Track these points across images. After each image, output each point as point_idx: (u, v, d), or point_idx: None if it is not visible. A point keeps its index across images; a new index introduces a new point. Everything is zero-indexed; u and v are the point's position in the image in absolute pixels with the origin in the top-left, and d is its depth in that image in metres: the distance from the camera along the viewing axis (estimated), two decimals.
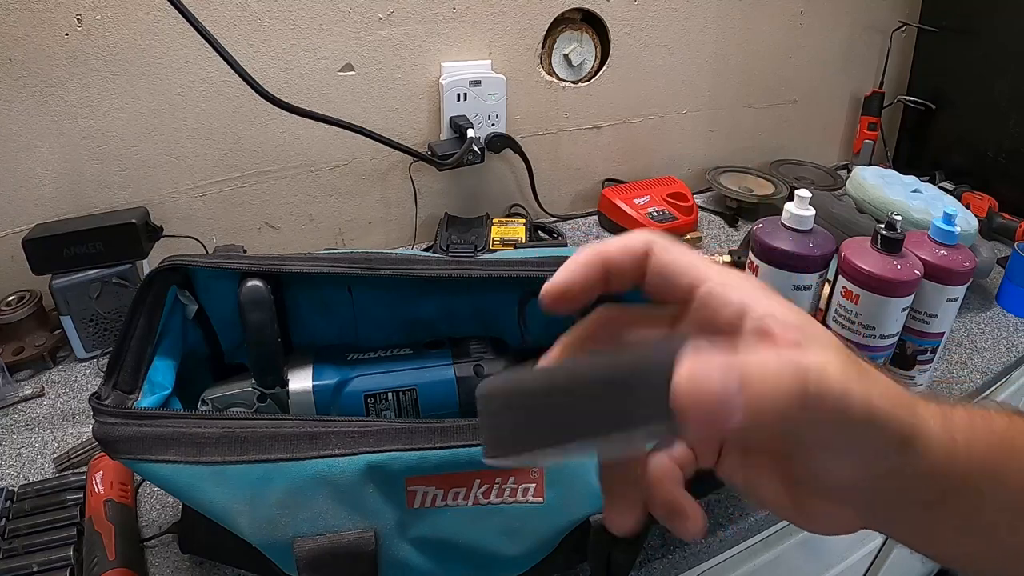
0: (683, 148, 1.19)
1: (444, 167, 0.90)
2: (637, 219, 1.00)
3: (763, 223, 0.66)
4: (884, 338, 0.61)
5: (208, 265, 0.45)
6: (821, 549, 0.81)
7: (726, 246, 1.02)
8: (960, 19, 1.20)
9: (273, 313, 0.45)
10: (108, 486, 0.52)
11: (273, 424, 0.40)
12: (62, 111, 0.72)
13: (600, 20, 0.99)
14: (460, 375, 0.48)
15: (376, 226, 0.97)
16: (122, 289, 0.71)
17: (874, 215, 0.98)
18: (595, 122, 1.07)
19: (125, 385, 0.43)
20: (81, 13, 0.69)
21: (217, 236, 0.85)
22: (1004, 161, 1.15)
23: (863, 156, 1.30)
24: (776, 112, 1.26)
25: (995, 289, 0.91)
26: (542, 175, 1.04)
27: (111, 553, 0.46)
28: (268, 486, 0.38)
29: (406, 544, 0.40)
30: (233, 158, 0.83)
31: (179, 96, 0.77)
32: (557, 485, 0.42)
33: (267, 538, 0.39)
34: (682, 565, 0.53)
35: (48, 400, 0.67)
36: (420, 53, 0.88)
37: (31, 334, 0.71)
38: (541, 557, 0.44)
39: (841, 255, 0.63)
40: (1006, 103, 1.13)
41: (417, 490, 0.40)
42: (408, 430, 0.40)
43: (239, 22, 0.76)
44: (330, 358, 0.48)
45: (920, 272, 0.60)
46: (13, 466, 0.58)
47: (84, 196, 0.76)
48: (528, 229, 0.95)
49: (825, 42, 1.24)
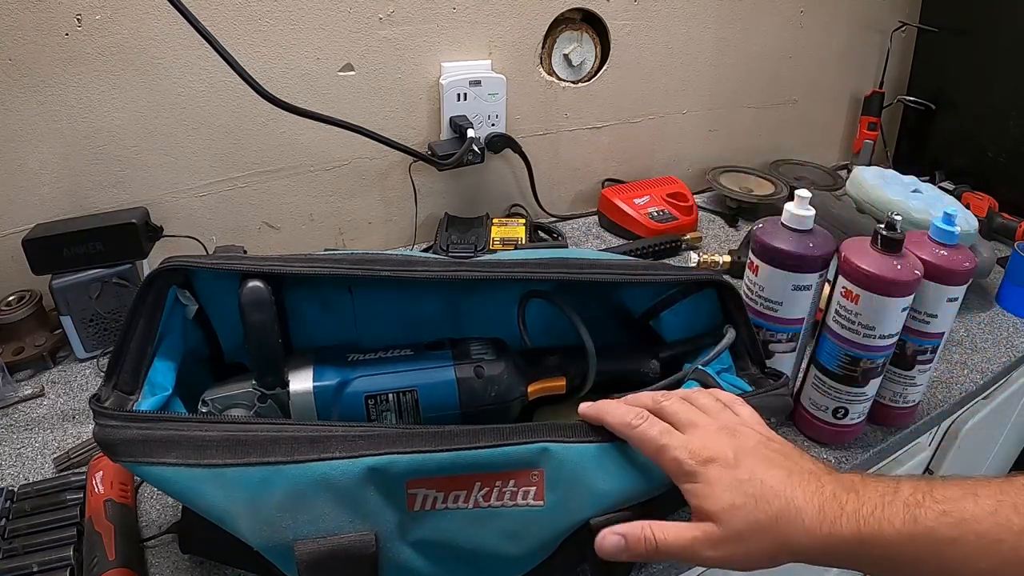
0: (683, 148, 1.19)
1: (444, 167, 0.90)
2: (637, 219, 1.00)
3: (763, 223, 0.66)
4: (884, 338, 0.61)
5: (208, 266, 0.45)
6: None
7: (726, 246, 1.02)
8: (960, 19, 1.20)
9: (274, 314, 0.45)
10: (108, 486, 0.52)
11: (274, 427, 0.40)
12: (62, 111, 0.72)
13: (600, 20, 0.99)
14: (460, 376, 0.48)
15: (376, 226, 0.97)
16: (122, 289, 0.71)
17: (874, 215, 0.98)
18: (595, 122, 1.07)
19: (125, 386, 0.43)
20: (81, 13, 0.69)
21: (217, 236, 0.85)
22: (1004, 161, 1.15)
23: (863, 156, 1.30)
24: (776, 112, 1.26)
25: (995, 289, 0.91)
26: (542, 175, 1.04)
27: (111, 553, 0.46)
28: (269, 489, 0.38)
29: (406, 547, 0.40)
30: (233, 158, 0.83)
31: (179, 96, 0.77)
32: (557, 488, 0.42)
33: (268, 541, 0.39)
34: (682, 565, 0.53)
35: (48, 400, 0.67)
36: (420, 53, 0.88)
37: (31, 334, 0.71)
38: (541, 560, 0.44)
39: (841, 255, 0.63)
40: (1006, 103, 1.13)
41: (418, 493, 0.40)
42: (409, 433, 0.40)
43: (239, 22, 0.76)
44: (330, 359, 0.48)
45: (920, 272, 0.60)
46: (13, 466, 0.58)
47: (84, 196, 0.76)
48: (528, 229, 0.95)
49: (825, 42, 1.24)
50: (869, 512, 0.35)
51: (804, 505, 0.37)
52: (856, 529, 0.35)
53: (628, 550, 0.39)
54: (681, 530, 0.39)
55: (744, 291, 0.68)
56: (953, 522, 0.33)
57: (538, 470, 0.41)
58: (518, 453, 0.41)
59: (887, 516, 0.35)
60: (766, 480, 0.38)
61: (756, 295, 0.65)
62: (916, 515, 0.34)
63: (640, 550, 0.39)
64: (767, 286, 0.64)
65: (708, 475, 0.39)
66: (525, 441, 0.41)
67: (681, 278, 0.55)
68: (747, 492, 0.37)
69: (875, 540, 0.35)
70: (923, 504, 0.35)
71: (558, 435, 0.42)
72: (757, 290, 0.65)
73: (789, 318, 0.64)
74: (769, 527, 0.37)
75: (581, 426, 0.43)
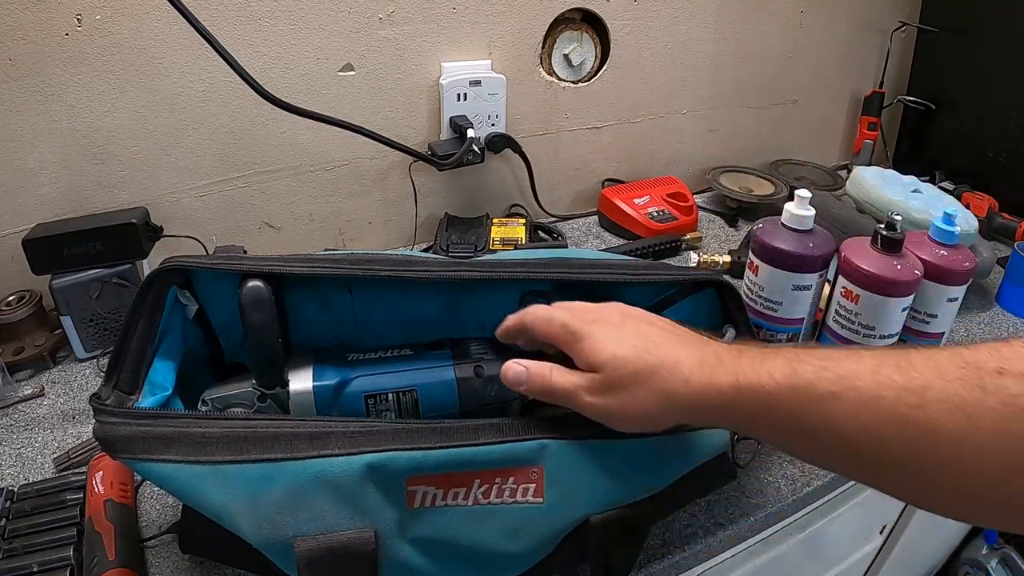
0: (683, 148, 1.19)
1: (444, 167, 0.90)
2: (637, 219, 1.00)
3: (763, 223, 0.66)
4: (884, 338, 0.61)
5: (208, 266, 0.45)
6: (821, 549, 0.81)
7: (726, 246, 1.02)
8: (960, 19, 1.20)
9: (274, 313, 0.45)
10: (108, 486, 0.52)
11: (273, 424, 0.40)
12: (62, 111, 0.72)
13: (600, 20, 1.00)
14: (460, 376, 0.48)
15: (376, 226, 0.97)
16: (122, 289, 0.71)
17: (874, 215, 0.98)
18: (595, 122, 1.07)
19: (125, 386, 0.43)
20: (81, 13, 0.69)
21: (217, 236, 0.85)
22: (1004, 161, 1.15)
23: (863, 156, 1.30)
24: (776, 112, 1.26)
25: (995, 289, 0.91)
26: (542, 175, 1.04)
27: (111, 553, 0.46)
28: (268, 486, 0.38)
29: (406, 544, 0.40)
30: (233, 158, 0.83)
31: (179, 96, 0.77)
32: (557, 485, 0.42)
33: (267, 538, 0.39)
34: (682, 565, 0.53)
35: (48, 400, 0.67)
36: (420, 53, 0.88)
37: (31, 334, 0.71)
38: (541, 557, 0.44)
39: (841, 255, 0.63)
40: (1006, 103, 1.13)
41: (417, 490, 0.40)
42: (408, 430, 0.40)
43: (239, 22, 0.76)
44: (330, 359, 0.48)
45: (920, 272, 0.60)
46: (13, 466, 0.58)
47: (84, 196, 0.76)
48: (528, 229, 0.95)
49: (825, 42, 1.24)
50: (748, 366, 0.36)
51: (685, 359, 0.38)
52: (734, 380, 0.36)
53: (527, 383, 0.42)
54: (571, 375, 0.41)
55: (744, 291, 0.68)
56: (833, 377, 0.33)
57: (537, 467, 0.41)
58: (518, 450, 0.41)
59: (766, 369, 0.35)
60: (650, 335, 0.39)
61: (756, 295, 0.65)
62: (795, 368, 0.34)
63: (536, 384, 0.42)
64: (767, 286, 0.64)
65: (593, 332, 0.40)
66: (524, 438, 0.41)
67: (681, 278, 0.55)
68: (630, 344, 0.39)
69: (752, 390, 0.35)
70: (803, 359, 0.35)
71: (557, 432, 0.42)
72: (757, 290, 0.65)
73: (789, 318, 0.64)
74: (648, 377, 0.38)
75: (581, 423, 0.43)
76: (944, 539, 1.19)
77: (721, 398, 0.36)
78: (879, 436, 0.31)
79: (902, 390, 0.31)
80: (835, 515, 0.75)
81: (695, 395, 0.37)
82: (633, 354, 0.38)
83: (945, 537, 1.19)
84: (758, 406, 0.35)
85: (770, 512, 0.57)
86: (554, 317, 0.43)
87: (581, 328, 0.41)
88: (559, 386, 0.41)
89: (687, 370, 0.37)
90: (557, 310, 0.43)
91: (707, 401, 0.37)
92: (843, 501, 0.75)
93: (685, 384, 0.37)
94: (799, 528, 0.72)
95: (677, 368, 0.37)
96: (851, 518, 0.79)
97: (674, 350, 0.38)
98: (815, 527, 0.74)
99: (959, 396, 0.30)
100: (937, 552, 1.22)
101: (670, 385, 0.37)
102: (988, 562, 1.17)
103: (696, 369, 0.37)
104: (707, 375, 0.37)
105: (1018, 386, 0.29)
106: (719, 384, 0.36)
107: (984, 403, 0.29)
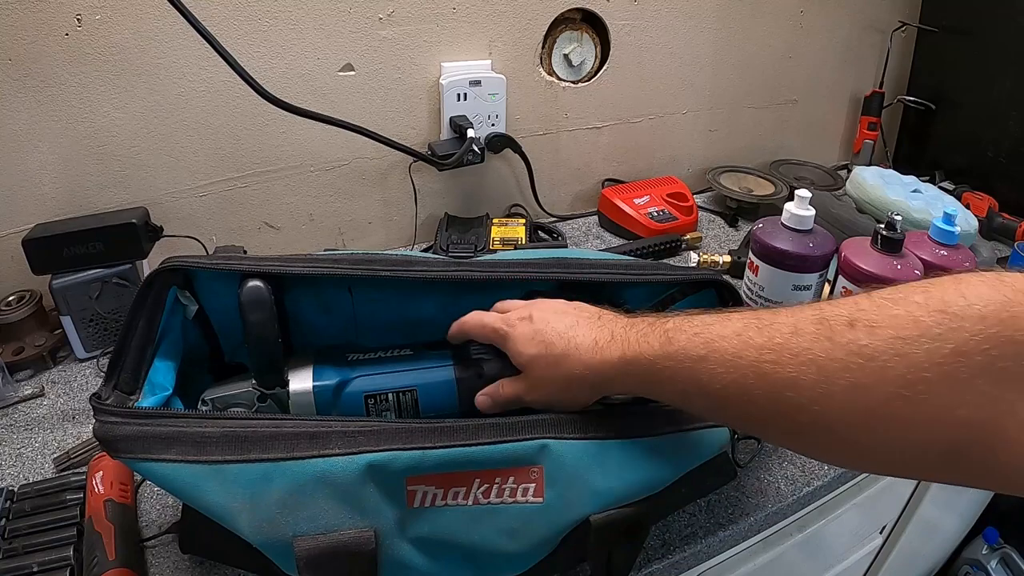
0: (683, 148, 1.19)
1: (444, 167, 0.90)
2: (637, 219, 1.00)
3: (763, 223, 0.66)
4: None
5: (208, 266, 0.45)
6: (821, 549, 0.81)
7: (726, 246, 1.02)
8: (960, 19, 1.20)
9: (274, 313, 0.45)
10: (108, 486, 0.52)
11: (273, 424, 0.40)
12: (62, 111, 0.72)
13: (600, 20, 1.00)
14: (460, 376, 0.48)
15: (376, 226, 0.97)
16: (122, 289, 0.71)
17: (874, 215, 0.98)
18: (595, 122, 1.07)
19: (126, 386, 0.43)
20: (81, 13, 0.69)
21: (217, 236, 0.85)
22: (1004, 161, 1.15)
23: (863, 156, 1.30)
24: (776, 112, 1.26)
25: None
26: (542, 175, 1.04)
27: (111, 553, 0.46)
28: (268, 485, 0.38)
29: (406, 544, 0.41)
30: (233, 158, 0.83)
31: (179, 96, 0.77)
32: (557, 485, 0.42)
33: (267, 538, 0.39)
34: (682, 565, 0.53)
35: (48, 400, 0.67)
36: (420, 53, 0.88)
37: (31, 334, 0.71)
38: (541, 557, 0.44)
39: (841, 255, 0.63)
40: (1006, 103, 1.13)
41: (417, 489, 0.40)
42: (408, 429, 0.40)
43: (239, 22, 0.76)
44: (330, 358, 0.48)
45: (920, 272, 0.60)
46: (13, 466, 0.59)
47: (84, 196, 0.76)
48: (528, 229, 0.95)
49: (825, 42, 1.24)
50: (634, 338, 0.40)
51: (582, 341, 0.42)
52: (621, 352, 0.40)
53: (492, 406, 0.46)
54: (513, 384, 0.46)
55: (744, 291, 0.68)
56: (702, 341, 0.36)
57: (537, 467, 0.41)
58: (518, 450, 0.41)
59: (648, 340, 0.39)
60: (556, 327, 0.44)
61: (756, 295, 0.65)
62: (671, 337, 0.38)
63: (499, 402, 0.46)
64: (767, 286, 0.64)
65: (514, 333, 0.45)
66: (524, 438, 0.41)
67: (681, 278, 0.55)
68: (540, 341, 0.44)
69: (636, 360, 0.39)
70: (680, 328, 0.38)
71: (557, 432, 0.42)
72: (757, 290, 0.65)
73: None
74: (556, 367, 0.43)
75: (580, 423, 0.43)
76: (944, 539, 1.19)
77: (613, 370, 0.41)
78: (745, 392, 0.34)
79: (762, 348, 0.33)
80: (835, 515, 0.75)
81: (594, 373, 0.41)
82: (543, 350, 0.43)
83: (945, 537, 1.19)
84: (644, 373, 0.39)
85: (770, 512, 0.57)
86: (486, 322, 0.47)
87: (506, 331, 0.46)
88: (511, 396, 0.45)
89: (584, 352, 0.42)
90: (489, 314, 0.48)
91: (603, 375, 0.41)
92: (843, 501, 0.75)
93: (582, 364, 0.42)
94: (799, 528, 0.72)
95: (576, 353, 0.42)
96: (851, 518, 0.79)
97: (576, 336, 0.43)
98: (815, 527, 0.74)
99: (810, 350, 0.31)
100: (937, 552, 1.22)
101: (574, 370, 0.42)
102: (988, 562, 1.18)
103: (591, 349, 0.42)
104: (600, 353, 0.41)
105: (868, 337, 0.29)
106: (610, 359, 0.41)
107: (833, 355, 0.30)
